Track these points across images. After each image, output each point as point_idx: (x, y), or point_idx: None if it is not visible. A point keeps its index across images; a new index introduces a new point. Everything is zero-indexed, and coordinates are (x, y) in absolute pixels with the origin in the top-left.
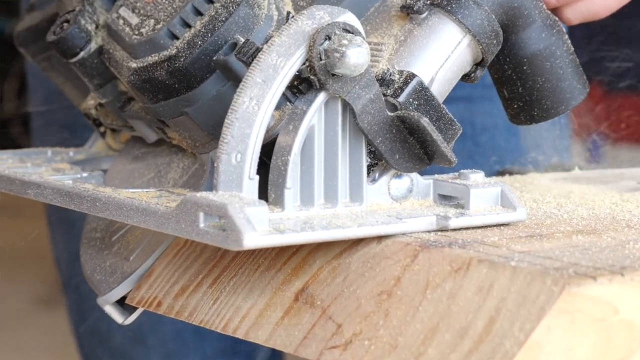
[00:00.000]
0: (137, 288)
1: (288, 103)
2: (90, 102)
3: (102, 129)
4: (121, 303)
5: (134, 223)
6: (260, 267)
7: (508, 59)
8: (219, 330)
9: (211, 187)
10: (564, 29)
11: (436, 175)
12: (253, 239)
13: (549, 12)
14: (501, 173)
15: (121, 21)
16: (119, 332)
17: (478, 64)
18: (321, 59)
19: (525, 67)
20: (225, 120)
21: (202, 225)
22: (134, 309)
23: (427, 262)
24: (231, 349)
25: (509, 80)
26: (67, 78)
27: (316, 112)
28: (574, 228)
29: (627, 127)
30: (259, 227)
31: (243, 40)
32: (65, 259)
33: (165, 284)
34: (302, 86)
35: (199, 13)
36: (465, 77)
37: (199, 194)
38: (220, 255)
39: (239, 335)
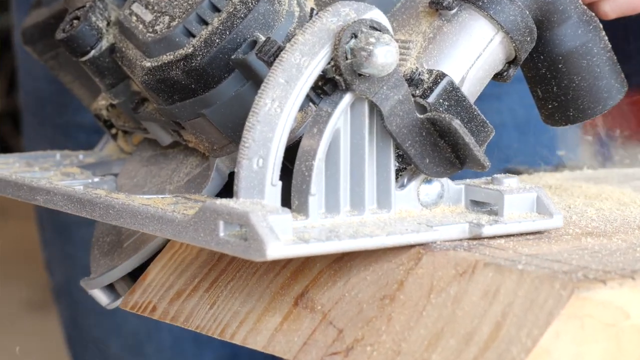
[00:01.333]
0: (130, 292)
1: (311, 104)
2: (102, 103)
3: (113, 131)
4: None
5: (149, 232)
6: (258, 271)
7: (542, 57)
8: (215, 336)
9: (213, 192)
10: (601, 25)
11: (468, 180)
12: (276, 249)
13: (585, 7)
14: (508, 172)
15: (134, 18)
16: (115, 340)
17: (511, 62)
18: (347, 58)
19: (560, 66)
20: (246, 123)
21: (222, 234)
22: (123, 290)
23: (431, 266)
24: (231, 357)
25: (543, 79)
26: (75, 77)
27: (342, 114)
28: (583, 230)
29: (638, 126)
30: (282, 236)
31: (263, 38)
32: (58, 264)
33: (160, 288)
34: (326, 87)
35: (216, 9)
36: (497, 76)
37: (218, 201)
38: (217, 259)
39: (237, 341)
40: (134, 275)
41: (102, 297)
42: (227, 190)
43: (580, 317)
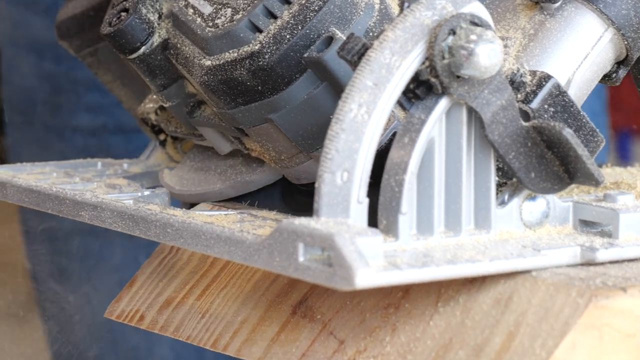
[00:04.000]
0: (117, 300)
1: (394, 109)
2: (149, 106)
3: (162, 137)
4: None
5: (215, 254)
6: (253, 277)
7: None
8: (208, 347)
9: (258, 184)
10: None
11: (576, 197)
12: (366, 276)
13: None
14: None
15: (190, 10)
16: (113, 357)
17: (620, 63)
18: (444, 58)
19: None
20: (329, 131)
21: (301, 258)
22: None
23: None
24: None
25: None
26: (116, 77)
27: (437, 121)
28: None
29: None
30: (372, 261)
31: (340, 33)
32: (47, 276)
33: (149, 295)
34: (419, 90)
35: (286, 1)
36: (606, 78)
37: (297, 221)
38: (209, 264)
39: (231, 352)
40: None
41: None
42: (285, 201)
43: (598, 327)
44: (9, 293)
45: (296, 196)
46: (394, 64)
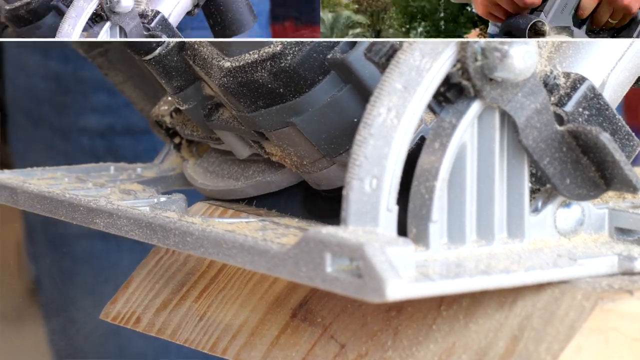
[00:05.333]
0: (112, 302)
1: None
2: (164, 108)
3: (177, 140)
4: None
5: (237, 264)
6: (252, 279)
7: None
8: (206, 351)
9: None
10: None
11: (611, 204)
12: (398, 288)
13: None
14: None
15: None
16: (113, 358)
17: None
18: (477, 60)
19: None
20: (356, 136)
21: (329, 269)
22: None
23: None
24: None
25: None
26: (127, 78)
27: (468, 126)
28: None
29: None
30: (403, 272)
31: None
32: (51, 280)
33: (145, 297)
34: (450, 93)
35: None
36: None
37: (324, 230)
38: (207, 265)
39: (229, 356)
40: None
41: None
42: (306, 207)
43: (604, 330)
44: (9, 293)
45: (318, 202)
46: (424, 66)
